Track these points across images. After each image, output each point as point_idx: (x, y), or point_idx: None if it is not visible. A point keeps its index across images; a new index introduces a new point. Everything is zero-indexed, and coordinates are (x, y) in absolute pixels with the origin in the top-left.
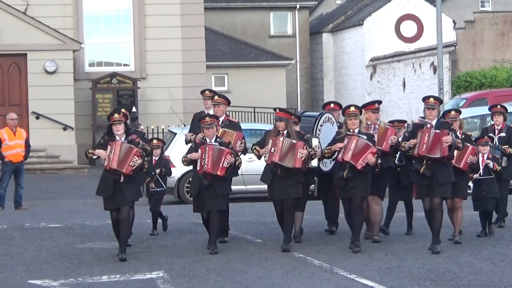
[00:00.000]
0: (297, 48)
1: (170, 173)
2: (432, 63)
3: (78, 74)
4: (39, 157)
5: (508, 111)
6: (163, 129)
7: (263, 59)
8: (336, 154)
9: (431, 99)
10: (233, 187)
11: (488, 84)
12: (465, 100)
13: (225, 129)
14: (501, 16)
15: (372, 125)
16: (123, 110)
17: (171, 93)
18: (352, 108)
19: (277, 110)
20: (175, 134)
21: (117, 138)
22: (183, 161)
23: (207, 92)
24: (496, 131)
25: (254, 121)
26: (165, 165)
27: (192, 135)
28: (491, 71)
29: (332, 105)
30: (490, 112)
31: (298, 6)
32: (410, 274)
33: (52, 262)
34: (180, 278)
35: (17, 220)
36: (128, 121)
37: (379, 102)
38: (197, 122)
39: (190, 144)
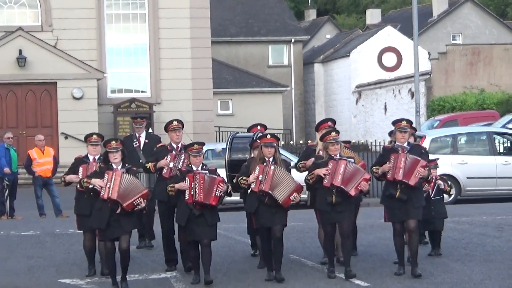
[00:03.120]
0: (292, 76)
1: None
2: (410, 89)
3: (102, 99)
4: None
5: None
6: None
7: (263, 86)
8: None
9: (404, 122)
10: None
11: (458, 108)
12: (438, 122)
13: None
14: (470, 48)
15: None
16: (95, 136)
17: (183, 116)
18: (334, 134)
19: (268, 136)
20: None
21: (114, 166)
22: (169, 191)
23: (139, 119)
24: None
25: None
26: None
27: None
28: (461, 96)
29: (258, 127)
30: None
31: (293, 40)
32: (391, 273)
33: (80, 264)
34: (190, 277)
35: (49, 227)
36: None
37: (333, 121)
38: (130, 146)
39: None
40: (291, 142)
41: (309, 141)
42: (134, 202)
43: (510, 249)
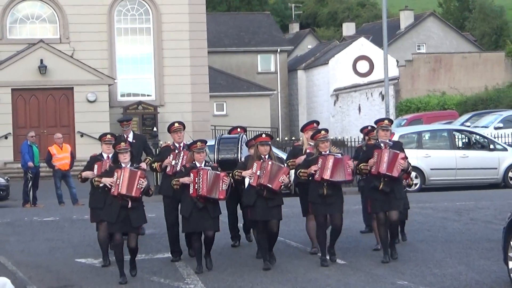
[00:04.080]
0: (278, 81)
1: None
2: (381, 93)
3: (112, 102)
4: (83, 165)
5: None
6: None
7: (253, 90)
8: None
9: (385, 121)
10: None
11: (423, 108)
12: (405, 120)
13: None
14: (433, 56)
15: None
16: (109, 135)
17: (183, 116)
18: (323, 132)
19: (263, 135)
20: None
21: (123, 165)
22: (174, 185)
23: (125, 122)
24: None
25: (246, 137)
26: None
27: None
28: (425, 98)
29: (238, 129)
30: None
31: (279, 50)
32: (364, 252)
33: (94, 245)
34: (191, 260)
35: (67, 213)
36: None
37: (317, 122)
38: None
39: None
40: (277, 139)
41: (296, 142)
42: (137, 186)
43: (468, 231)
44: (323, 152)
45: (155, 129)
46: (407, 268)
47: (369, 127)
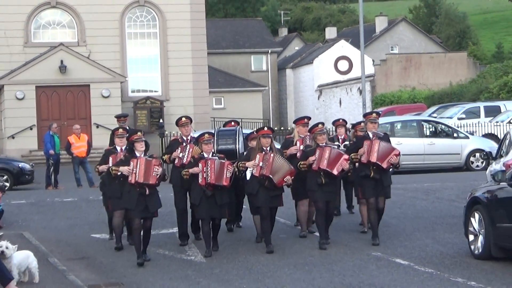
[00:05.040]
0: (269, 79)
1: None
2: (359, 88)
3: (124, 97)
4: (99, 153)
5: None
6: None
7: (247, 86)
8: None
9: (374, 114)
10: None
11: (395, 102)
12: (380, 112)
13: None
14: (404, 56)
15: (308, 138)
16: (121, 130)
17: (186, 110)
18: (320, 126)
19: (265, 128)
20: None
21: (138, 154)
22: (183, 175)
23: (122, 118)
24: (340, 140)
25: (242, 128)
26: None
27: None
28: (398, 93)
29: (232, 123)
30: (334, 126)
31: (269, 51)
32: (343, 227)
33: (108, 223)
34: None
35: (84, 195)
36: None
37: (308, 118)
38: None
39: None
40: None
41: (287, 135)
42: (153, 173)
43: (434, 209)
44: (320, 144)
45: (161, 120)
46: (380, 241)
47: (341, 120)
